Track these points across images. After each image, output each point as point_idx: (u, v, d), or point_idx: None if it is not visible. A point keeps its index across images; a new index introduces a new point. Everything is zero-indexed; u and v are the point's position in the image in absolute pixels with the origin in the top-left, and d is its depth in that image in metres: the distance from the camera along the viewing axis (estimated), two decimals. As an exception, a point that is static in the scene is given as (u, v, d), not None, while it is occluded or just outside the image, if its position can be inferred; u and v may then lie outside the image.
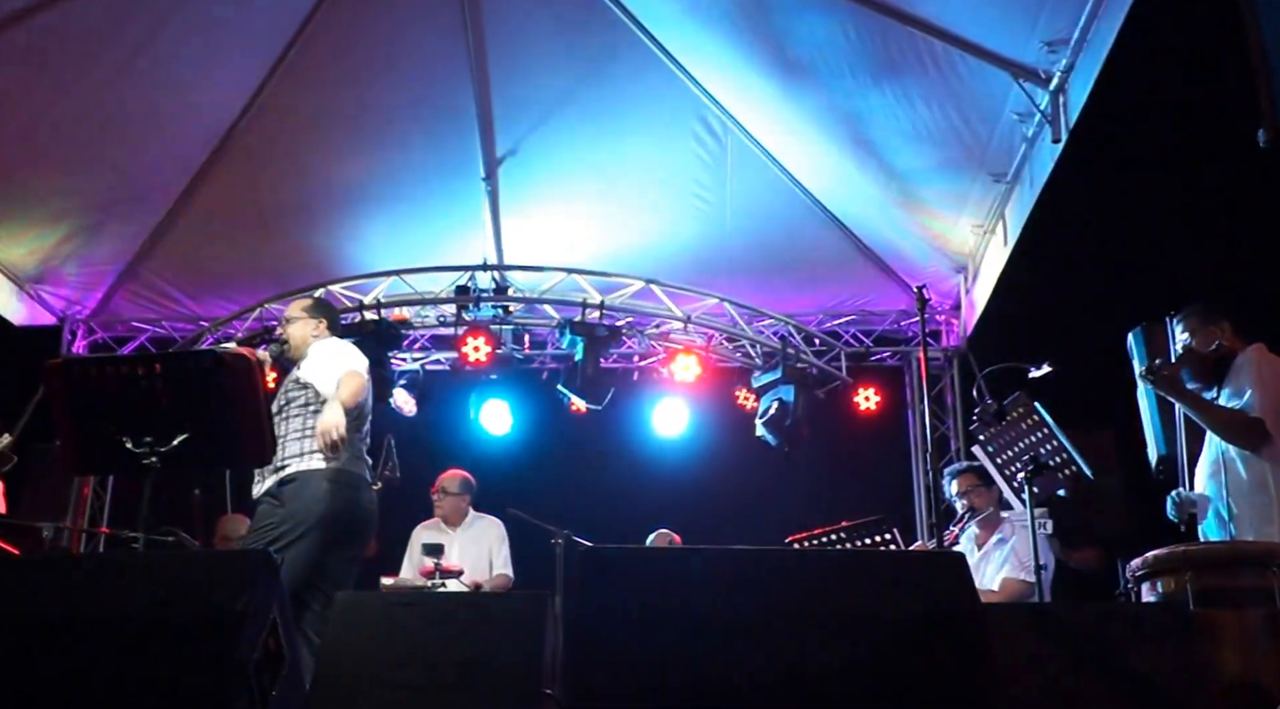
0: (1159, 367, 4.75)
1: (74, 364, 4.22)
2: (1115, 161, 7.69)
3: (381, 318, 9.11)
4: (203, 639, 3.05)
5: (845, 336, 10.11)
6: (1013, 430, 5.20)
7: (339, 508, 5.01)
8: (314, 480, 4.98)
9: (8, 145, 7.84)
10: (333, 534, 4.98)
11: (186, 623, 3.08)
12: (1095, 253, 8.27)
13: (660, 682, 2.96)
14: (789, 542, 6.08)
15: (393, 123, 8.52)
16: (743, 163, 8.65)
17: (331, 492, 5.00)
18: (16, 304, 9.40)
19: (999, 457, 5.33)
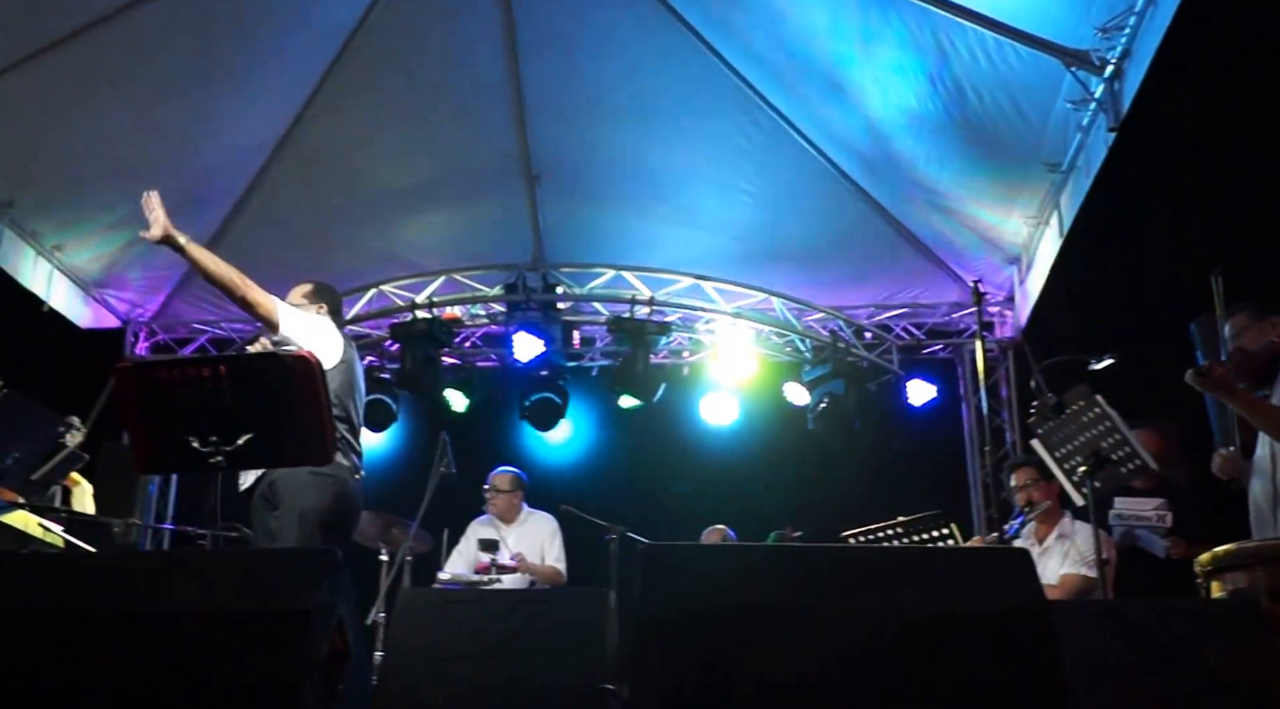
0: (1209, 367, 4.69)
1: (142, 367, 4.29)
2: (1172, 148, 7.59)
3: (433, 316, 9.22)
4: (273, 635, 3.09)
5: (896, 330, 10.08)
6: (1073, 423, 5.14)
7: (325, 501, 5.05)
8: (296, 475, 4.98)
9: (73, 154, 8.01)
10: (322, 527, 5.02)
11: (257, 619, 3.12)
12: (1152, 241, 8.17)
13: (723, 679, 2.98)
14: (844, 537, 6.06)
15: (440, 126, 8.58)
16: (790, 157, 8.59)
17: (316, 484, 5.02)
18: (82, 307, 9.59)
19: (1058, 450, 5.28)
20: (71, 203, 8.54)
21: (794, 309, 9.68)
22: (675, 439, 10.18)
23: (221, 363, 4.32)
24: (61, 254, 9.01)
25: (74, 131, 7.87)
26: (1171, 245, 7.98)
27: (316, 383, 4.32)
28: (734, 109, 8.30)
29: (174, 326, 10.38)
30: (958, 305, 9.85)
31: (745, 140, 8.52)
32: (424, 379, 9.20)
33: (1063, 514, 6.28)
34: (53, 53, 7.24)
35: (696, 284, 9.33)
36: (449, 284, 9.45)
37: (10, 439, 5.35)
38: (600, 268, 9.38)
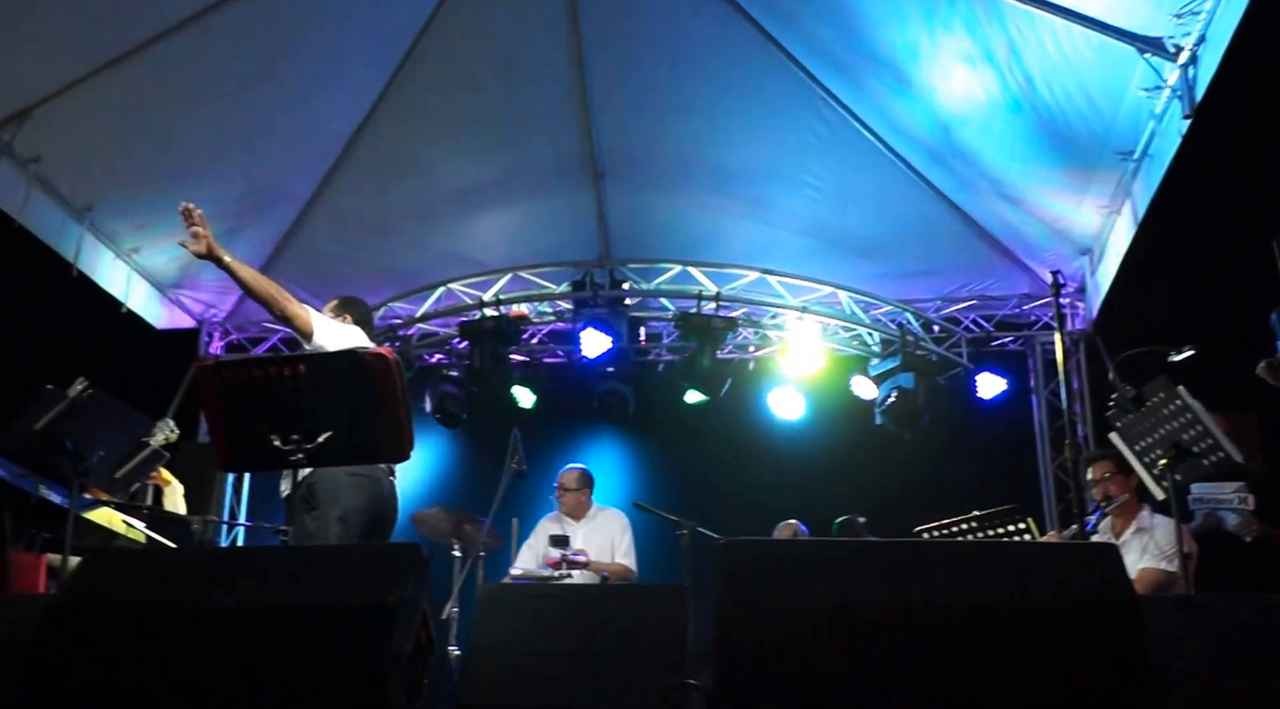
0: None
1: (223, 366, 4.36)
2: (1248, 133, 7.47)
3: (500, 314, 9.27)
4: (360, 630, 3.15)
5: (965, 322, 10.01)
6: (1153, 416, 5.07)
7: (361, 502, 5.12)
8: (334, 476, 5.05)
9: (149, 159, 8.20)
10: (359, 528, 5.08)
11: (343, 614, 3.18)
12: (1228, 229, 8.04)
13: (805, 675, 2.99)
14: (918, 532, 6.05)
15: (506, 124, 8.65)
16: (856, 150, 8.55)
17: (352, 486, 5.11)
18: (158, 308, 9.82)
19: (1137, 443, 5.21)
20: (148, 206, 8.69)
21: (861, 302, 9.64)
22: (742, 434, 10.17)
23: (301, 361, 4.38)
24: (138, 256, 9.20)
25: (149, 136, 8.04)
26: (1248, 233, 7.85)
27: (394, 380, 4.38)
28: (799, 103, 8.28)
29: (246, 326, 10.57)
30: (1028, 297, 9.78)
31: (811, 134, 8.49)
32: (492, 376, 9.26)
33: (1141, 508, 6.19)
34: (128, 60, 7.39)
35: (763, 278, 9.32)
36: (516, 281, 9.50)
37: (96, 438, 5.45)
38: (666, 263, 9.39)
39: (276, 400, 4.30)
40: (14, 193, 7.73)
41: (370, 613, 3.16)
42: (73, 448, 5.26)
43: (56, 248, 8.31)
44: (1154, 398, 5.07)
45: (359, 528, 5.05)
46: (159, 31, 7.29)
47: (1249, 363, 5.21)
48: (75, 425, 5.30)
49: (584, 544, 7.65)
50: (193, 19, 7.27)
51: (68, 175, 8.14)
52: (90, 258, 8.69)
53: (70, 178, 8.17)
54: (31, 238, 7.98)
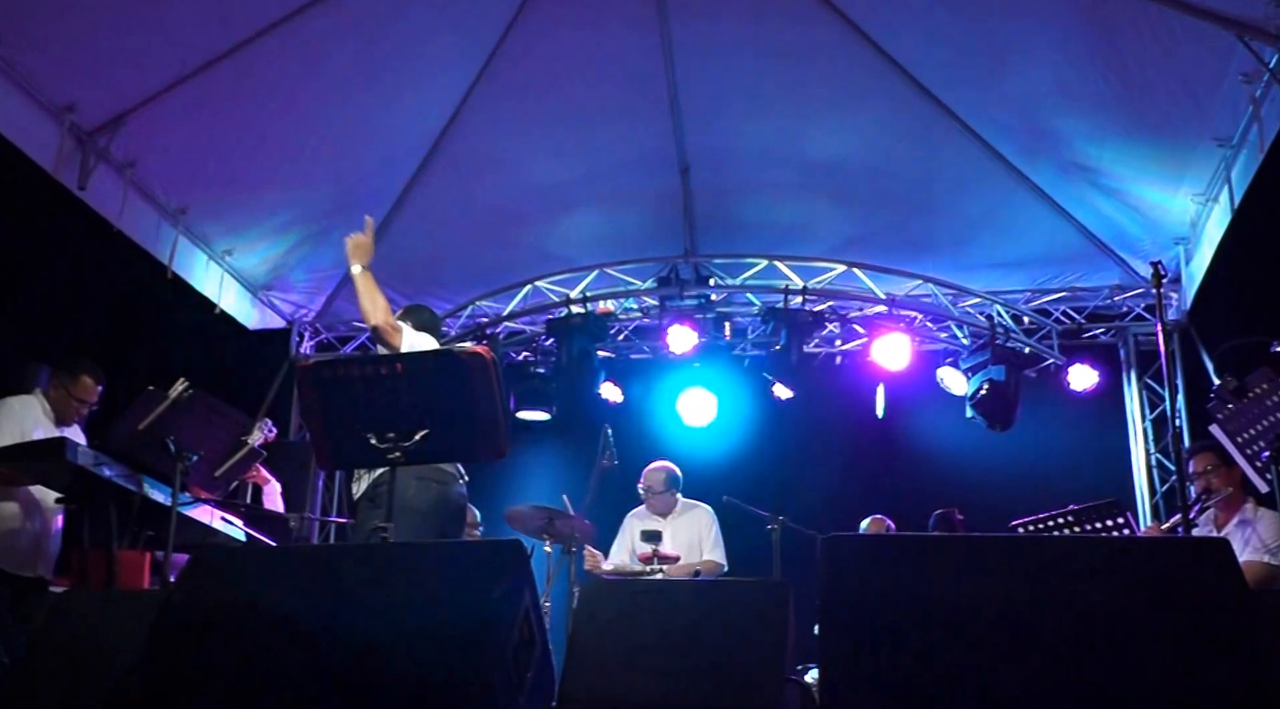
0: None
1: (322, 365, 4.43)
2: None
3: (587, 311, 9.30)
4: (464, 625, 3.18)
5: (1055, 314, 9.87)
6: (1256, 407, 4.98)
7: (427, 504, 5.18)
8: (402, 478, 5.10)
9: (240, 163, 8.34)
10: (424, 529, 5.14)
11: (449, 610, 3.22)
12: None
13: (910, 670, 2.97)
14: (1013, 527, 5.98)
15: (592, 122, 8.63)
16: (945, 140, 8.45)
17: (419, 488, 5.17)
18: (250, 309, 9.99)
19: (1240, 435, 5.12)
20: (239, 208, 8.89)
21: (950, 294, 9.55)
22: (829, 428, 10.13)
23: (399, 360, 4.43)
24: (230, 258, 9.37)
25: (241, 139, 8.17)
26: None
27: (491, 379, 4.42)
28: (887, 95, 8.19)
29: (335, 325, 10.72)
30: (1120, 288, 9.63)
31: (899, 125, 8.41)
32: (580, 373, 9.29)
33: (1245, 500, 6.11)
34: (220, 64, 7.49)
35: (850, 271, 9.25)
36: (602, 278, 9.53)
37: (196, 437, 5.56)
38: (753, 258, 9.36)
39: (374, 399, 4.36)
40: (112, 198, 7.90)
41: (474, 608, 3.20)
42: (175, 447, 5.37)
43: (152, 251, 8.50)
44: (1257, 389, 4.97)
45: (424, 527, 5.12)
46: (249, 35, 7.38)
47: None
48: (177, 425, 5.42)
49: (672, 540, 7.67)
50: (282, 21, 7.34)
51: (162, 179, 8.30)
52: (185, 260, 8.88)
53: (165, 182, 8.33)
54: (128, 241, 8.15)
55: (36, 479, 5.72)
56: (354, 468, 5.41)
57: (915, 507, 8.88)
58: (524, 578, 3.42)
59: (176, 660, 3.24)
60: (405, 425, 4.37)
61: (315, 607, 3.30)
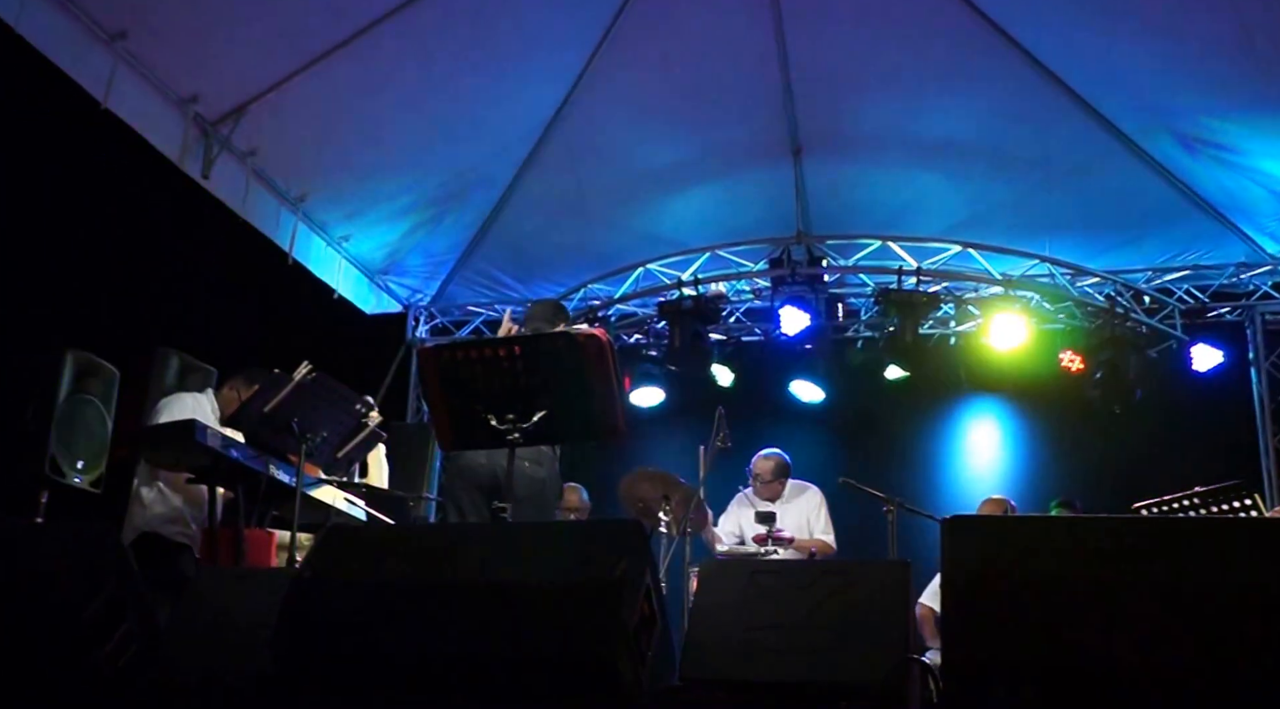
0: None
1: (444, 348, 4.52)
2: None
3: (699, 293, 9.31)
4: (587, 604, 3.22)
5: (1178, 293, 9.65)
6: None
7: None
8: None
9: (357, 149, 8.52)
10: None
11: (571, 588, 3.25)
12: None
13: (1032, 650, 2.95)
14: (1136, 509, 5.88)
15: (703, 102, 8.63)
16: (1062, 117, 8.30)
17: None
18: (368, 294, 10.18)
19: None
20: (356, 195, 9.05)
21: (1068, 274, 9.39)
22: (944, 409, 10.04)
23: (516, 343, 4.50)
24: (348, 244, 9.55)
25: (357, 127, 8.33)
26: None
27: (607, 360, 4.47)
28: (1003, 71, 8.06)
29: (450, 310, 10.88)
30: (1245, 265, 9.37)
31: (1015, 102, 8.28)
32: (692, 356, 9.31)
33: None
34: (337, 53, 7.64)
35: (965, 251, 9.14)
36: (714, 260, 9.54)
37: (320, 419, 5.68)
38: (865, 239, 9.29)
39: (494, 381, 4.44)
40: (235, 187, 8.12)
41: (596, 587, 3.23)
42: (299, 429, 5.49)
43: (273, 237, 8.69)
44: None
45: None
46: (365, 24, 7.52)
47: None
48: (301, 407, 5.54)
49: (781, 524, 7.66)
50: (396, 10, 7.47)
51: (282, 167, 8.51)
52: (304, 246, 9.09)
53: (285, 170, 8.54)
54: (250, 228, 8.36)
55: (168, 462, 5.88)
56: (475, 447, 5.51)
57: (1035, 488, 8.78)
58: (644, 557, 3.45)
59: (306, 636, 3.33)
60: (524, 406, 4.45)
61: (438, 585, 3.37)
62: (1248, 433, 9.46)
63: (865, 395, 10.07)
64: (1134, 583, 2.95)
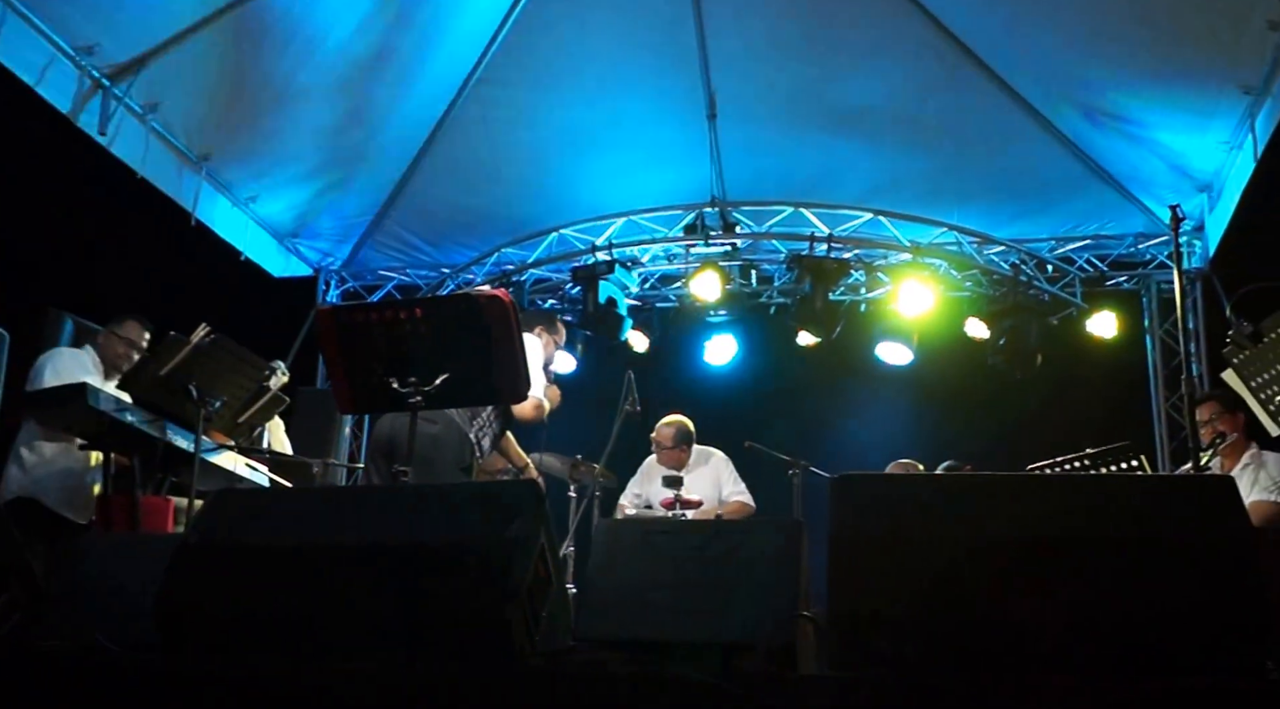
0: None
1: (342, 310, 4.48)
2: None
3: (613, 258, 9.31)
4: (478, 566, 3.22)
5: (1079, 262, 9.83)
6: (1270, 352, 4.99)
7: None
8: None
9: (264, 107, 8.34)
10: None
11: (462, 550, 3.25)
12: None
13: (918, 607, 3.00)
14: (1031, 470, 6.01)
15: (619, 68, 8.62)
16: (972, 88, 8.42)
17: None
18: (276, 257, 10.03)
19: (1254, 379, 5.13)
20: (264, 155, 8.87)
21: (975, 243, 9.52)
22: (854, 376, 10.13)
23: (418, 305, 4.46)
24: (255, 205, 9.38)
25: (264, 84, 8.13)
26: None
27: (510, 323, 4.45)
28: (917, 42, 8.16)
29: (362, 274, 10.77)
30: (1143, 236, 9.58)
31: (927, 73, 8.36)
32: (606, 321, 9.31)
33: (1249, 444, 6.21)
34: (243, 6, 7.44)
35: (876, 219, 9.23)
36: (629, 226, 9.53)
37: (218, 384, 5.61)
38: (779, 205, 9.34)
39: (394, 343, 4.40)
40: (134, 145, 7.88)
41: (489, 548, 3.23)
42: (197, 393, 5.42)
43: (175, 198, 8.47)
44: (1272, 333, 4.97)
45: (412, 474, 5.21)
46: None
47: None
48: (199, 371, 5.46)
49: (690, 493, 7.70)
50: (307, -35, 7.35)
51: (184, 125, 8.26)
52: (208, 207, 8.86)
53: (187, 128, 8.30)
54: (151, 188, 8.14)
55: (60, 425, 5.78)
56: (375, 411, 5.48)
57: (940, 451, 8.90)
58: (540, 518, 3.45)
59: (191, 601, 3.30)
60: (426, 369, 4.41)
61: (327, 548, 3.35)
62: (1143, 398, 9.70)
63: (777, 361, 10.15)
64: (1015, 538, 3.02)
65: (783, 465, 7.44)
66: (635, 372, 7.32)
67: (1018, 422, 9.32)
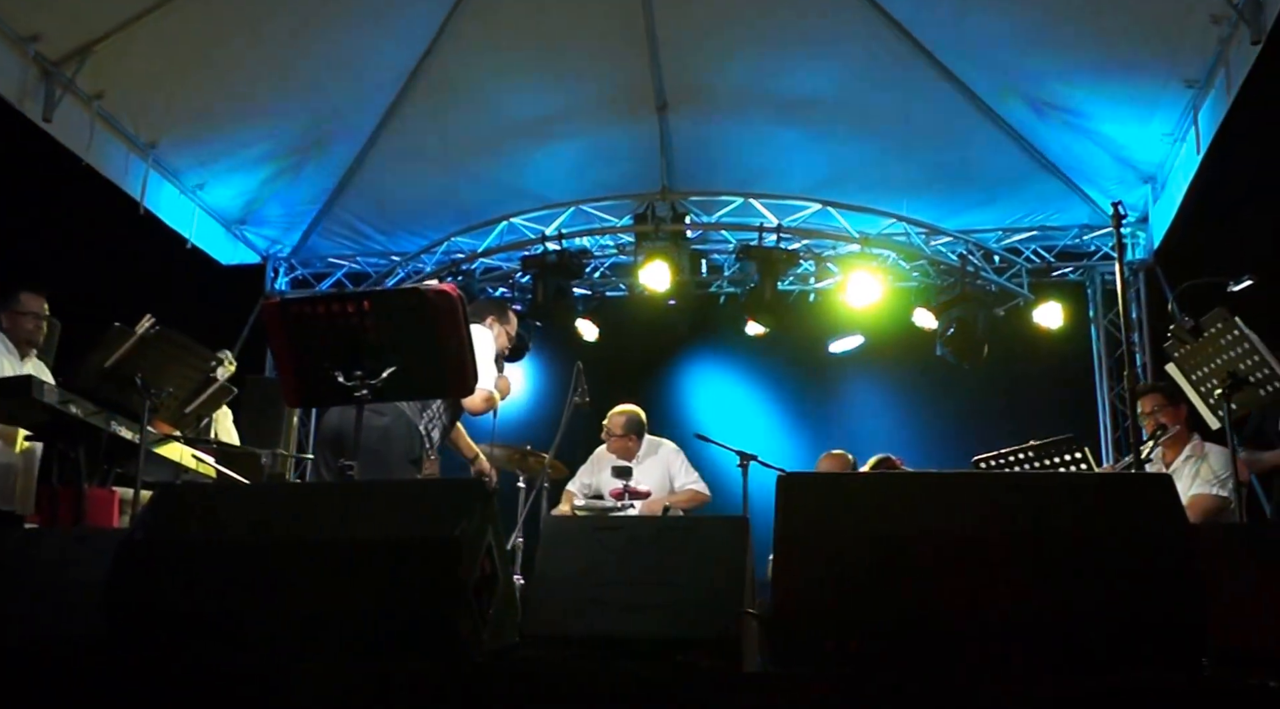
0: None
1: (290, 302, 4.44)
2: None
3: (563, 248, 9.30)
4: (425, 563, 3.23)
5: (1026, 253, 9.92)
6: (1210, 346, 5.09)
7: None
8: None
9: (212, 94, 8.25)
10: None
11: (409, 547, 3.26)
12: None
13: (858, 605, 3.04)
14: (976, 462, 6.08)
15: (570, 56, 8.59)
16: (920, 80, 8.45)
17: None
18: (224, 244, 9.94)
19: (1194, 373, 5.23)
20: (211, 142, 8.80)
21: (923, 233, 9.59)
22: (803, 366, 10.20)
23: (365, 298, 4.44)
24: (203, 192, 9.30)
25: (212, 71, 8.06)
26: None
27: (458, 316, 4.44)
28: (865, 34, 8.17)
29: (312, 261, 10.69)
30: (1089, 227, 9.69)
31: (876, 64, 8.38)
32: (556, 310, 9.32)
33: (1191, 436, 6.28)
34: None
35: (825, 210, 9.27)
36: (579, 215, 9.51)
37: (164, 375, 5.57)
38: (728, 196, 9.36)
39: (341, 336, 4.37)
40: (79, 132, 7.79)
41: (436, 545, 3.24)
42: (143, 384, 5.38)
43: (121, 185, 8.39)
44: (1212, 328, 5.07)
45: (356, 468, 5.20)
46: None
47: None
48: (144, 362, 5.43)
49: (639, 483, 7.72)
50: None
51: (131, 112, 8.19)
52: (155, 195, 8.77)
53: (134, 115, 8.22)
54: (97, 176, 8.05)
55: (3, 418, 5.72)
56: (322, 404, 5.45)
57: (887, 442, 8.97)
58: (487, 515, 3.46)
59: (137, 598, 3.29)
60: (372, 362, 4.39)
61: (275, 544, 3.35)
62: (1088, 388, 9.83)
63: (727, 351, 10.20)
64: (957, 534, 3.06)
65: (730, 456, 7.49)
66: (585, 362, 7.32)
67: (965, 411, 9.44)
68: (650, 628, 3.39)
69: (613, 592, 3.49)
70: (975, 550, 3.03)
